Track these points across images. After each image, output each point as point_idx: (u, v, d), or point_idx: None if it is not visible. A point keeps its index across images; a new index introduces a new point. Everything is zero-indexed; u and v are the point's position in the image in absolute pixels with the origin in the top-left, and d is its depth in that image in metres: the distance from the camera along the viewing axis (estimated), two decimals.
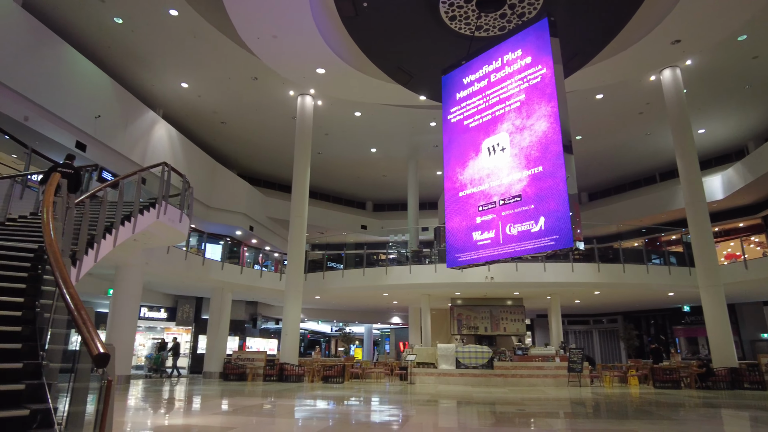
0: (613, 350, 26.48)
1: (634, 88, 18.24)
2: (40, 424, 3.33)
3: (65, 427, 3.28)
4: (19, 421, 3.27)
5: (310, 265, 20.21)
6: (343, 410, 9.63)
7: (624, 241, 20.51)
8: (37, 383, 3.66)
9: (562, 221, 8.13)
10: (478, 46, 11.31)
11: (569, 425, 8.05)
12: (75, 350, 3.31)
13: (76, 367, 3.19)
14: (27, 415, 3.31)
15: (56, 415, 3.46)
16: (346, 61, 15.66)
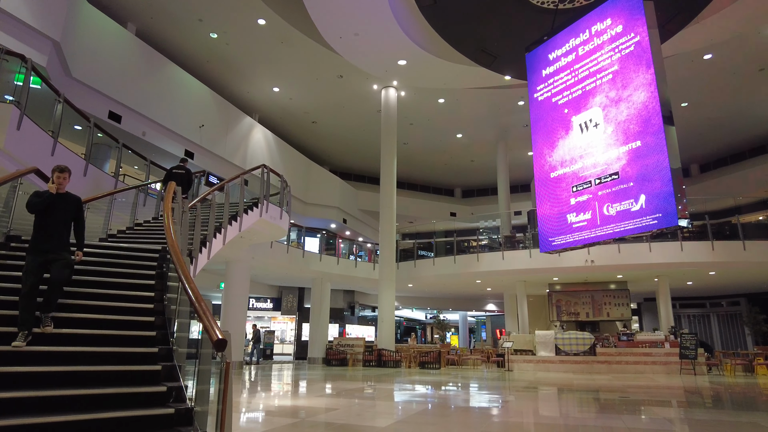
0: (736, 336, 24.04)
1: (750, 43, 16.26)
2: (175, 399, 3.88)
3: (194, 402, 3.78)
4: (159, 396, 3.84)
5: (401, 254, 20.60)
6: (440, 395, 9.84)
7: (744, 216, 18.47)
8: (170, 365, 4.23)
9: (664, 198, 7.62)
10: (562, 19, 10.81)
11: (680, 414, 7.57)
12: (197, 338, 3.79)
13: (200, 351, 3.66)
14: (164, 391, 3.87)
15: (186, 392, 3.99)
16: (426, 50, 15.67)
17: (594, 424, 6.56)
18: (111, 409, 3.50)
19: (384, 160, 18.74)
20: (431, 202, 29.46)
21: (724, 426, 6.41)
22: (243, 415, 6.77)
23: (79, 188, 8.65)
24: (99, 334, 4.33)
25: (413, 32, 14.95)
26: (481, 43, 14.68)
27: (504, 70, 16.21)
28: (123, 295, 5.04)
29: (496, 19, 13.40)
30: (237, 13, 15.02)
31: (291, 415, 6.92)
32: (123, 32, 13.96)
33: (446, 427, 6.18)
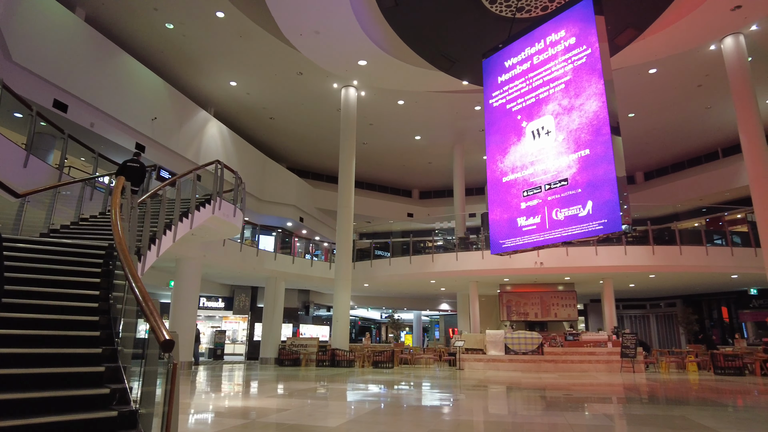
0: (672, 335, 25.47)
1: (691, 60, 17.28)
2: (118, 402, 3.75)
3: (139, 404, 3.68)
4: (101, 399, 3.70)
5: (358, 253, 20.63)
6: (392, 394, 9.93)
7: (682, 222, 19.62)
8: (115, 366, 4.09)
9: (610, 205, 8.00)
10: (519, 28, 11.13)
11: (617, 410, 7.98)
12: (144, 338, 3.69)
13: (146, 352, 3.57)
14: (108, 393, 3.74)
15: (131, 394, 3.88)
16: (387, 52, 15.76)
17: (539, 422, 6.81)
18: (50, 413, 3.35)
19: (343, 159, 18.71)
20: (389, 203, 29.63)
21: (658, 420, 6.79)
22: (191, 417, 6.62)
23: (19, 180, 8.21)
24: (38, 334, 4.13)
25: (374, 33, 15.01)
26: (440, 48, 14.90)
27: (462, 75, 16.52)
28: (65, 294, 4.82)
29: (455, 25, 13.64)
30: (195, 4, 14.61)
31: (241, 416, 6.82)
32: (71, 17, 13.28)
33: (396, 425, 6.26)
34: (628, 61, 16.23)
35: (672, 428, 6.09)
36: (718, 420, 6.61)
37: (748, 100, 15.61)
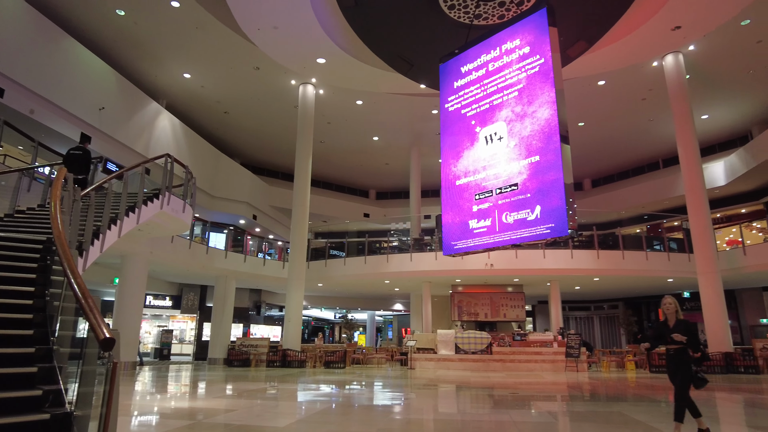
0: (614, 336, 26.72)
1: (636, 75, 18.19)
2: (52, 404, 3.57)
3: (75, 406, 3.52)
4: (33, 401, 3.52)
5: (312, 253, 20.47)
6: (342, 393, 9.92)
7: (625, 228, 20.63)
8: (49, 366, 3.89)
9: (557, 210, 8.28)
10: (476, 34, 11.37)
11: (560, 408, 8.29)
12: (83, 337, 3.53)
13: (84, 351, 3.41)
14: (40, 395, 3.55)
15: (67, 395, 3.70)
16: (346, 51, 15.74)
17: (486, 420, 6.99)
18: None
19: (299, 156, 18.52)
20: (346, 202, 29.54)
21: (597, 416, 7.11)
22: (134, 419, 6.39)
23: None
24: None
25: (334, 32, 14.95)
26: (399, 50, 15.02)
27: (420, 78, 16.70)
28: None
29: (414, 28, 13.78)
30: None
31: (188, 417, 6.64)
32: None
33: (345, 425, 6.27)
34: (579, 72, 16.88)
35: (609, 423, 6.39)
36: (650, 415, 6.99)
37: (686, 115, 16.60)
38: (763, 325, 21.83)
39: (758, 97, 20.37)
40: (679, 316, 5.22)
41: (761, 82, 19.18)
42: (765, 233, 19.06)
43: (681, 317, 5.23)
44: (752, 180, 22.00)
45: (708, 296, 15.39)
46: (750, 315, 22.77)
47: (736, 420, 7.12)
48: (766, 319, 21.90)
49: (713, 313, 15.24)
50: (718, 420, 7.02)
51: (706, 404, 8.51)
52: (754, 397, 9.50)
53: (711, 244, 15.88)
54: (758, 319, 22.31)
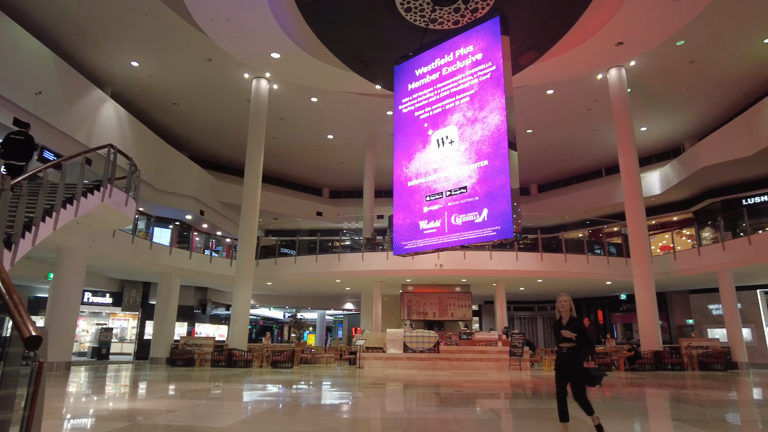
0: None
1: (582, 86, 19.00)
2: None
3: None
4: None
5: (262, 251, 20.13)
6: (287, 393, 9.83)
7: (568, 232, 21.50)
8: None
9: (503, 213, 8.53)
10: (431, 38, 11.54)
11: (502, 405, 8.56)
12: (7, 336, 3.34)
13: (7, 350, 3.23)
14: None
15: None
16: (302, 48, 15.58)
17: (431, 417, 7.12)
18: None
19: (250, 152, 18.17)
20: (298, 200, 29.22)
21: (537, 413, 7.39)
22: (66, 422, 6.08)
23: None
24: None
25: (290, 28, 14.77)
26: (355, 49, 15.01)
27: (375, 79, 16.77)
28: None
29: (371, 29, 13.83)
30: None
31: (126, 419, 6.39)
32: None
33: (290, 424, 6.22)
34: (529, 80, 17.46)
35: (548, 420, 6.65)
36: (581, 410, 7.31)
37: (626, 127, 17.50)
38: (689, 325, 23.33)
39: (691, 113, 21.76)
40: (572, 314, 5.19)
41: (693, 99, 20.51)
42: (693, 240, 20.35)
43: (575, 315, 5.21)
44: (684, 190, 23.49)
45: (642, 298, 16.29)
46: (678, 316, 24.28)
47: (661, 414, 7.58)
48: (692, 320, 23.41)
49: (646, 314, 16.15)
50: (647, 414, 7.46)
51: (636, 400, 9.03)
52: (678, 393, 10.14)
53: (646, 250, 16.83)
54: (685, 319, 23.84)
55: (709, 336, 20.53)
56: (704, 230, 19.85)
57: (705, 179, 21.83)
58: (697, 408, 7.94)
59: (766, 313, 21.64)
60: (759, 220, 16.85)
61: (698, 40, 16.30)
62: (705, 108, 21.30)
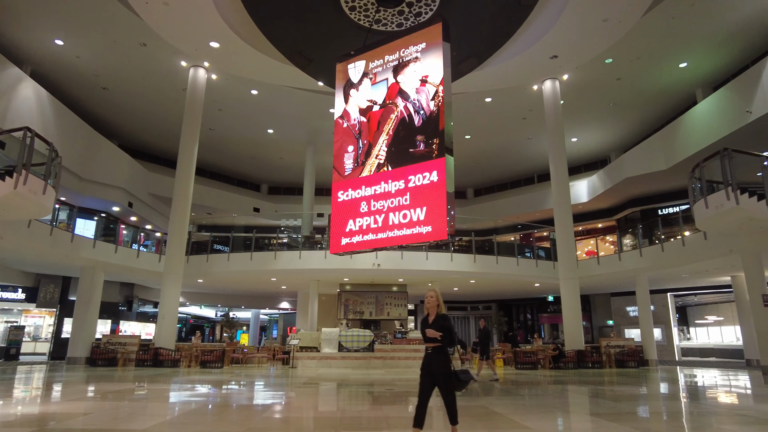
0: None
1: (519, 95, 19.77)
2: None
3: None
4: None
5: (193, 246, 19.39)
6: (215, 394, 9.54)
7: (500, 235, 22.32)
8: None
9: (438, 215, 8.69)
10: (374, 39, 11.58)
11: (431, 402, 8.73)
12: None
13: None
14: None
15: None
16: (243, 38, 15.16)
17: (360, 416, 7.15)
18: None
19: (185, 143, 17.44)
20: (235, 195, 28.40)
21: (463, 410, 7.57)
22: None
23: None
24: None
25: (230, 17, 14.33)
26: (298, 44, 14.79)
27: (318, 75, 16.60)
28: None
29: (314, 25, 13.67)
30: None
31: (36, 424, 5.94)
32: None
33: (214, 425, 6.05)
34: (469, 87, 17.94)
35: (472, 417, 6.87)
36: (508, 407, 7.64)
37: (558, 137, 18.39)
38: (609, 326, 24.89)
39: (617, 127, 23.24)
40: (440, 311, 4.76)
41: (619, 114, 21.92)
42: (615, 246, 21.72)
43: (443, 312, 4.79)
44: (608, 199, 25.06)
45: (567, 300, 17.18)
46: (600, 317, 25.85)
47: (580, 409, 8.03)
48: (612, 321, 24.99)
49: (571, 315, 17.05)
50: (568, 410, 7.88)
51: (558, 396, 9.51)
52: (596, 389, 10.79)
53: (572, 254, 17.77)
54: (606, 320, 25.41)
55: (626, 336, 22.00)
56: (625, 237, 21.23)
57: (627, 189, 23.41)
58: (613, 403, 8.49)
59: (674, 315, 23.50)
60: (671, 229, 18.22)
61: (624, 60, 17.44)
62: (629, 123, 22.82)
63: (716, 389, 11.06)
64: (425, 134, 9.27)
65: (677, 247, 16.76)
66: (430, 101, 9.46)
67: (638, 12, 14.05)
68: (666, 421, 6.71)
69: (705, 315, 24.87)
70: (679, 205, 22.11)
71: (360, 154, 10.11)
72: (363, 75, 10.67)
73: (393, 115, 9.87)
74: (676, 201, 22.55)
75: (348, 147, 10.33)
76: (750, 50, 17.22)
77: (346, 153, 10.31)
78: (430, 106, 9.41)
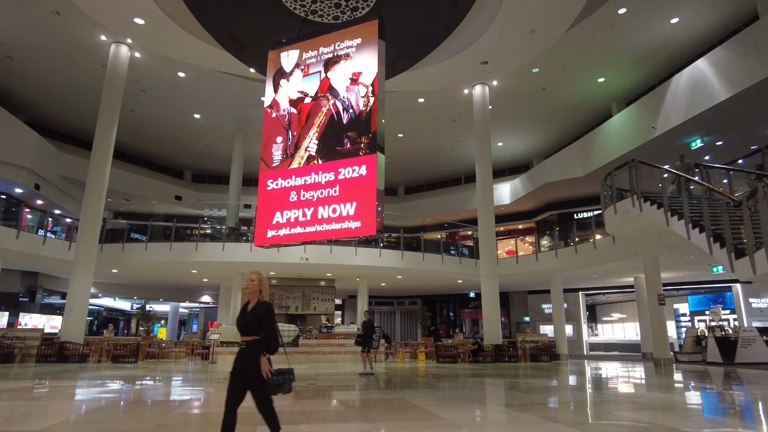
0: (412, 329, 29.40)
1: (450, 98, 20.29)
2: None
3: None
4: None
5: (108, 234, 18.21)
6: (124, 390, 9.04)
7: (428, 233, 22.85)
8: None
9: (368, 211, 8.75)
10: (309, 29, 11.43)
11: (351, 396, 8.82)
12: None
13: None
14: None
15: None
16: (171, 17, 14.38)
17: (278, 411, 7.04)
18: None
19: (102, 123, 16.27)
20: (156, 181, 26.91)
21: (382, 403, 7.73)
22: None
23: None
24: None
25: None
26: (229, 28, 14.27)
27: (249, 62, 16.10)
28: None
29: (248, 9, 13.24)
30: None
31: None
32: None
33: (120, 423, 5.73)
34: (403, 86, 18.17)
35: (390, 409, 7.00)
36: (426, 400, 7.86)
37: (485, 141, 19.10)
38: (526, 322, 26.26)
39: (540, 134, 24.52)
40: (263, 298, 4.00)
41: (543, 122, 23.14)
42: (533, 246, 22.93)
43: (265, 299, 4.03)
44: (529, 202, 26.40)
45: (487, 297, 17.92)
46: (517, 313, 27.20)
47: (494, 401, 8.41)
48: (528, 317, 26.38)
49: (490, 311, 17.80)
50: (483, 401, 8.23)
51: (475, 389, 9.90)
52: (511, 381, 11.35)
53: (493, 252, 18.55)
54: (523, 316, 26.78)
55: (541, 332, 23.33)
56: (543, 239, 22.49)
57: (547, 194, 24.81)
58: (525, 394, 8.97)
59: (584, 312, 25.22)
60: (584, 232, 19.54)
61: (550, 71, 18.42)
62: (551, 131, 24.15)
63: (616, 380, 12.01)
64: (354, 132, 9.29)
65: (589, 249, 17.99)
66: (360, 99, 9.48)
67: (563, 26, 14.88)
68: (572, 410, 7.19)
69: (611, 313, 26.92)
70: (593, 211, 23.71)
71: (289, 146, 9.94)
72: (296, 65, 10.50)
73: (324, 109, 9.80)
74: (591, 206, 24.17)
75: (277, 138, 10.13)
76: (658, 71, 18.80)
77: (274, 144, 10.11)
78: (360, 105, 9.44)
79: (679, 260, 16.73)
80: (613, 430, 5.66)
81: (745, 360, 15.59)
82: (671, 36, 16.62)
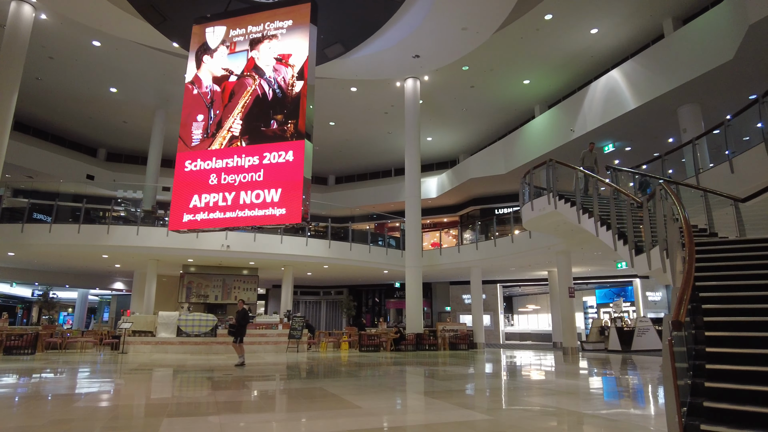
0: (337, 319, 29.40)
1: (383, 89, 20.32)
2: None
3: None
4: None
5: (5, 213, 16.56)
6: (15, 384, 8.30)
7: (356, 223, 22.84)
8: None
9: (293, 198, 8.59)
10: (239, 7, 10.96)
11: (269, 386, 8.66)
12: None
13: None
14: None
15: None
16: None
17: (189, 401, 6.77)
18: None
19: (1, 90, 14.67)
20: (65, 158, 24.76)
21: (301, 392, 7.64)
22: None
23: None
24: None
25: None
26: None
27: (173, 35, 15.21)
28: None
29: None
30: None
31: None
32: None
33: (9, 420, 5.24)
34: (335, 73, 17.95)
35: (309, 398, 6.94)
36: (345, 388, 7.88)
37: (414, 134, 19.35)
38: (447, 312, 27.08)
39: (467, 130, 25.22)
40: None
41: (470, 119, 23.80)
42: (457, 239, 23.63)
43: None
44: (454, 196, 27.16)
45: (411, 287, 18.26)
46: (439, 303, 27.97)
47: (411, 388, 8.59)
48: (449, 307, 27.22)
49: (413, 300, 18.17)
50: (401, 389, 8.37)
51: (394, 377, 10.06)
52: (430, 369, 11.66)
53: (419, 244, 18.91)
54: (444, 306, 27.59)
55: (461, 321, 24.16)
56: (466, 232, 23.21)
57: (471, 189, 25.63)
58: (442, 381, 9.24)
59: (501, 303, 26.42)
60: (504, 227, 20.40)
61: (479, 70, 18.93)
62: (478, 128, 24.91)
63: (529, 368, 12.70)
64: (281, 114, 9.05)
65: (507, 243, 18.82)
66: (288, 81, 9.25)
67: (493, 26, 15.35)
68: (487, 397, 7.49)
69: (527, 304, 28.39)
70: (513, 207, 24.81)
71: (210, 125, 9.52)
72: (221, 42, 10.06)
73: (250, 88, 9.46)
74: (511, 203, 25.27)
75: (197, 116, 9.67)
76: (579, 77, 19.92)
77: (194, 122, 9.64)
78: (288, 88, 9.20)
79: (588, 256, 17.92)
80: (522, 415, 5.97)
81: (640, 347, 17.11)
82: (591, 45, 17.65)
